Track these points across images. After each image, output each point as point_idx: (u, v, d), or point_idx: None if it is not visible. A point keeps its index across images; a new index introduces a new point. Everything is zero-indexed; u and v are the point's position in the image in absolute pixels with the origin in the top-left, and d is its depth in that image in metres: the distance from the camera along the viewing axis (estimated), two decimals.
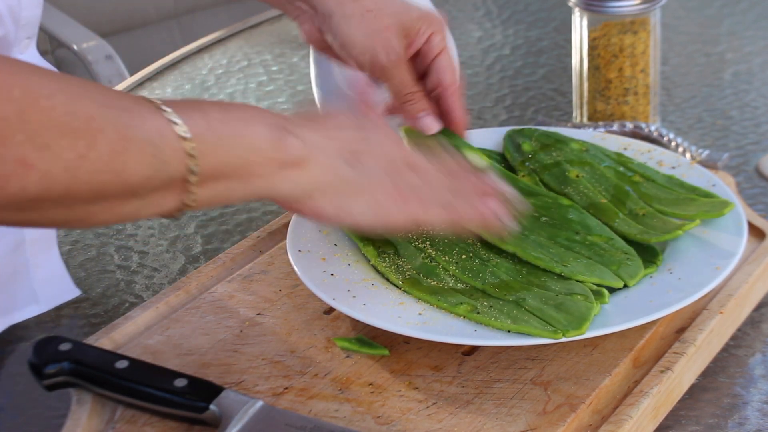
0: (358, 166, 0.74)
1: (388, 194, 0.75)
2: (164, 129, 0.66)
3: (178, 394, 0.73)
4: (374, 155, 0.75)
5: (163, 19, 2.28)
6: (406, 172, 0.76)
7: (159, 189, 0.66)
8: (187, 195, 0.68)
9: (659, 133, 1.07)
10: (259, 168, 0.70)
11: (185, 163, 0.66)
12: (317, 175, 0.72)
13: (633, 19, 1.07)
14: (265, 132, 0.71)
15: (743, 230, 0.84)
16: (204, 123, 0.68)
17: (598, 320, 0.75)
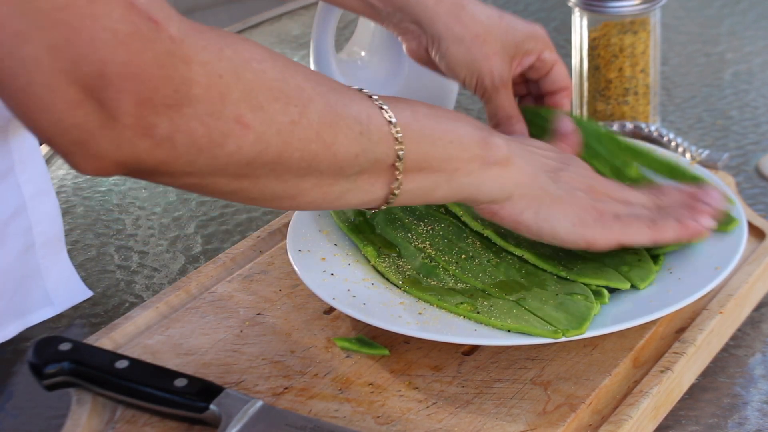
0: (558, 182, 0.76)
1: (586, 211, 0.76)
2: (372, 111, 0.68)
3: (178, 394, 0.73)
4: (573, 176, 0.77)
5: None
6: (606, 197, 0.78)
7: (366, 171, 0.68)
8: (395, 182, 0.69)
9: (659, 133, 1.07)
10: (464, 164, 0.71)
11: (392, 147, 0.68)
12: (520, 177, 0.74)
13: (633, 19, 1.07)
14: (470, 130, 0.72)
15: (743, 230, 0.84)
16: (410, 113, 0.70)
17: (598, 320, 0.75)
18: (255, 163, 0.62)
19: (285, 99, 0.63)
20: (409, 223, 0.85)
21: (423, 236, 0.84)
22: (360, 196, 0.69)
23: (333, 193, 0.68)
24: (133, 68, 0.56)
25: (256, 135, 0.61)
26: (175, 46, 0.58)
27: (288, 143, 0.63)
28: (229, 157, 0.61)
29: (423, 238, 0.84)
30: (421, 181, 0.71)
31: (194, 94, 0.58)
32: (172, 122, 0.58)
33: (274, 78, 0.63)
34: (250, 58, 0.62)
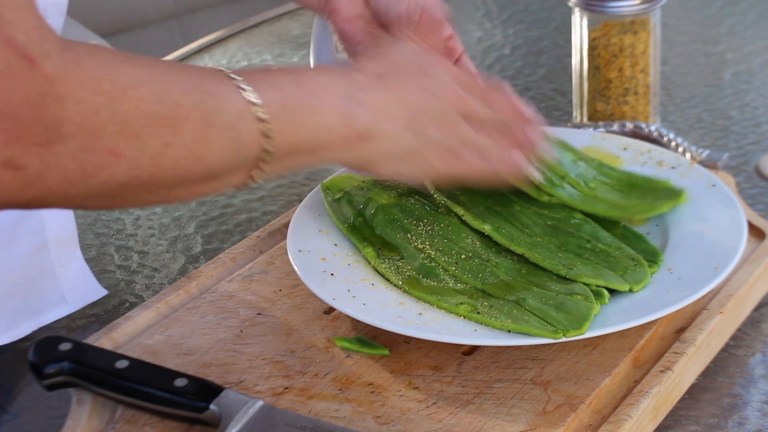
0: (419, 133, 0.76)
1: (439, 156, 0.77)
2: (244, 111, 0.67)
3: (179, 393, 0.73)
4: (434, 115, 0.77)
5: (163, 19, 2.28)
6: (460, 125, 0.78)
7: (236, 169, 0.68)
8: (260, 171, 0.69)
9: (659, 133, 1.07)
10: (329, 144, 0.72)
11: (261, 145, 0.68)
12: (382, 147, 0.75)
13: (633, 19, 1.07)
14: (336, 105, 0.72)
15: (743, 230, 0.84)
16: (280, 101, 0.69)
17: (598, 320, 0.75)
18: (128, 185, 0.63)
19: (160, 123, 0.62)
20: (408, 224, 0.85)
21: (422, 236, 0.84)
22: (227, 186, 0.70)
23: (201, 191, 0.69)
24: (2, 107, 0.55)
25: (130, 163, 0.61)
26: (49, 86, 0.57)
27: (161, 165, 0.63)
28: (101, 185, 0.61)
29: (422, 239, 0.84)
30: (285, 163, 0.71)
31: (66, 132, 0.58)
32: (43, 160, 0.58)
33: (152, 102, 0.62)
34: (128, 85, 0.61)
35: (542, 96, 1.25)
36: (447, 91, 0.78)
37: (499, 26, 1.45)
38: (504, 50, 1.38)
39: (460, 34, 1.41)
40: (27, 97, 0.56)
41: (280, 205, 1.08)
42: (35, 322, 0.90)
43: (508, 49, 1.38)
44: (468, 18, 1.48)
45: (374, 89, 0.75)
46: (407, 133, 0.76)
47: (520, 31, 1.43)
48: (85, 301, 0.94)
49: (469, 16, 1.48)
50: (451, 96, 0.78)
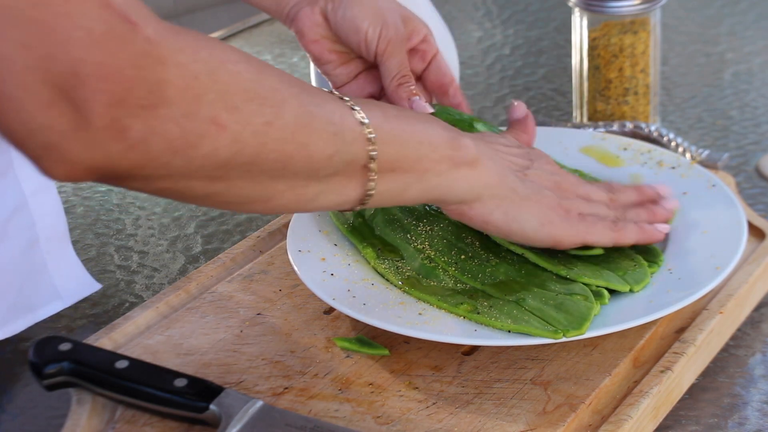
0: (525, 181, 0.77)
1: (553, 209, 0.77)
2: (344, 111, 0.68)
3: (178, 394, 0.73)
4: (539, 174, 0.78)
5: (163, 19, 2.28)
6: (571, 194, 0.79)
7: (340, 172, 0.68)
8: (368, 184, 0.69)
9: (659, 133, 1.07)
10: (435, 164, 0.72)
11: (365, 148, 0.68)
12: (488, 178, 0.75)
13: (633, 19, 1.07)
14: (439, 130, 0.73)
15: (743, 230, 0.84)
16: (381, 114, 0.70)
17: (598, 320, 0.75)
18: (230, 164, 0.62)
19: (260, 100, 0.63)
20: (408, 224, 0.85)
21: (422, 237, 0.84)
22: (333, 197, 0.69)
23: (307, 195, 0.68)
24: (107, 68, 0.55)
25: (232, 135, 0.61)
26: (151, 47, 0.57)
27: (263, 144, 0.63)
28: (204, 158, 0.61)
29: (422, 239, 0.84)
30: (393, 181, 0.71)
31: (169, 96, 0.58)
32: (147, 124, 0.57)
33: (249, 79, 0.62)
34: (225, 59, 0.61)
35: (542, 96, 1.26)
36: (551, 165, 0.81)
37: (499, 26, 1.45)
38: (504, 50, 1.38)
39: (460, 34, 1.42)
40: (131, 58, 0.56)
41: None
42: (29, 318, 0.90)
43: (508, 49, 1.38)
44: (468, 18, 1.48)
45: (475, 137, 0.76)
46: (515, 179, 0.76)
47: (520, 31, 1.43)
48: (79, 295, 0.94)
49: (469, 16, 1.48)
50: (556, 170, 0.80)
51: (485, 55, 1.37)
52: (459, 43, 1.25)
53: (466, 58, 1.35)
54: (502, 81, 1.30)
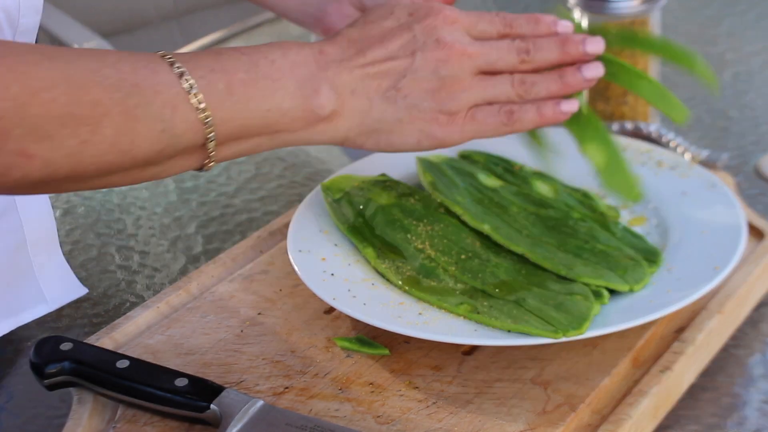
0: (398, 100, 0.73)
1: (432, 120, 0.73)
2: (177, 101, 0.66)
3: (179, 393, 0.73)
4: (420, 79, 0.73)
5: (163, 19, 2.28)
6: (460, 87, 0.73)
7: (175, 156, 0.67)
8: (208, 154, 0.68)
9: (659, 133, 1.07)
10: (285, 126, 0.70)
11: (200, 133, 0.67)
12: (350, 123, 0.72)
13: (633, 19, 1.07)
14: (293, 89, 0.70)
15: (743, 230, 0.84)
16: (224, 87, 0.68)
17: (598, 320, 0.76)
18: (46, 180, 0.63)
19: (75, 123, 0.62)
20: (408, 224, 0.85)
21: (422, 237, 0.85)
22: (174, 170, 0.69)
23: (144, 176, 0.68)
24: None
25: (43, 162, 0.61)
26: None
27: (79, 162, 0.63)
28: (16, 182, 0.62)
29: (422, 239, 0.84)
30: (238, 147, 0.70)
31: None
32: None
33: (65, 103, 0.62)
34: (39, 87, 0.61)
35: None
36: (446, 50, 0.73)
37: None
38: None
39: None
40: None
41: (280, 205, 1.08)
42: (12, 322, 0.90)
43: None
44: None
45: (344, 62, 0.72)
46: (384, 104, 0.73)
47: None
48: (64, 299, 0.94)
49: None
50: (452, 55, 0.73)
51: None
52: None
53: None
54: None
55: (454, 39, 0.73)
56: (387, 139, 0.74)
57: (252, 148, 0.71)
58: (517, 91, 0.75)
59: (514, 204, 0.88)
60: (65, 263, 0.94)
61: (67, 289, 0.94)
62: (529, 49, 0.75)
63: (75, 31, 2.00)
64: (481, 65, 0.74)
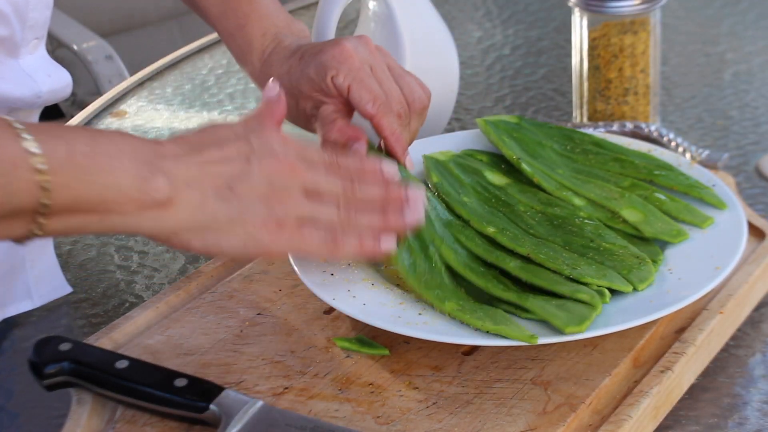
0: (232, 200, 0.72)
1: (262, 226, 0.73)
2: (18, 157, 0.65)
3: (179, 393, 0.73)
4: (253, 184, 0.73)
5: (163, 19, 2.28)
6: (288, 199, 0.74)
7: (4, 218, 0.66)
8: (36, 225, 0.67)
9: (659, 133, 1.07)
10: (118, 206, 0.69)
11: (36, 197, 0.66)
12: (182, 215, 0.71)
13: (633, 19, 1.07)
14: (131, 169, 0.69)
15: (743, 230, 0.84)
16: (65, 155, 0.67)
17: (598, 320, 0.75)
18: None
19: None
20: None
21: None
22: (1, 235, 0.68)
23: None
24: None
25: None
26: None
27: None
28: None
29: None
30: (68, 222, 0.68)
31: None
32: None
33: None
34: None
35: (542, 96, 1.25)
36: (278, 162, 0.74)
37: (499, 26, 1.45)
38: (504, 50, 1.38)
39: (460, 34, 1.42)
40: None
41: None
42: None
43: (508, 49, 1.38)
44: (468, 18, 1.48)
45: (181, 157, 0.72)
46: (217, 203, 0.72)
47: (520, 31, 1.43)
48: (49, 297, 0.94)
49: (469, 16, 1.48)
50: (283, 168, 0.74)
51: (485, 55, 1.37)
52: (459, 43, 1.25)
53: (466, 58, 1.35)
54: (502, 81, 1.30)
55: (286, 153, 0.74)
56: (215, 239, 0.72)
57: (80, 227, 0.69)
58: (340, 216, 0.75)
59: (521, 202, 0.88)
60: (56, 261, 0.95)
61: (53, 287, 0.94)
62: (353, 179, 0.76)
63: (75, 31, 2.00)
64: (308, 185, 0.75)
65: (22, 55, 0.87)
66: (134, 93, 1.33)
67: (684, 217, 0.86)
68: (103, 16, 2.22)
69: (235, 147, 0.74)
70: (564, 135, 0.96)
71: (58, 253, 0.99)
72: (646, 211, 0.87)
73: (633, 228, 0.86)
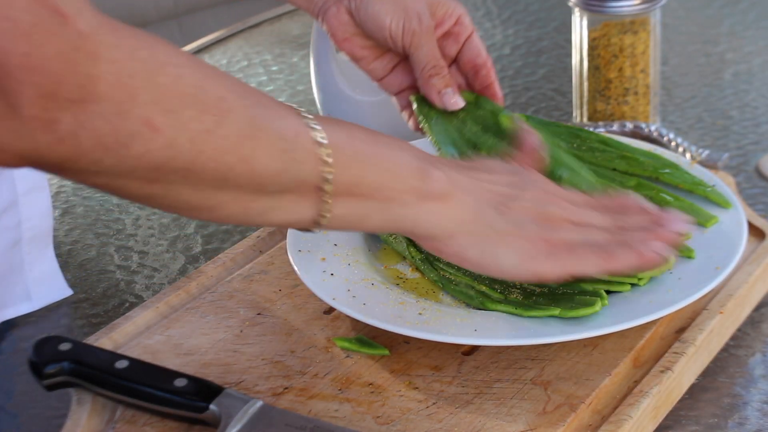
0: (506, 214, 0.72)
1: (536, 244, 0.72)
2: (300, 129, 0.65)
3: (178, 393, 0.73)
4: (525, 205, 0.74)
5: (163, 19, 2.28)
6: (560, 225, 0.74)
7: (291, 190, 0.65)
8: (323, 205, 0.66)
9: (659, 133, 1.07)
10: (399, 194, 0.69)
11: (319, 169, 0.65)
12: (461, 214, 0.71)
13: (633, 19, 1.07)
14: (409, 159, 0.70)
15: (743, 230, 0.84)
16: (345, 136, 0.67)
17: (598, 320, 0.76)
18: (165, 168, 0.60)
19: (200, 107, 0.60)
20: None
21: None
22: (284, 215, 0.67)
23: (254, 209, 0.65)
24: (34, 60, 0.54)
25: (166, 140, 0.59)
26: (82, 41, 0.55)
27: (201, 152, 0.61)
28: (136, 159, 0.59)
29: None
30: (351, 206, 0.68)
31: (100, 92, 0.56)
32: (76, 118, 0.56)
33: (191, 84, 0.60)
34: (167, 62, 0.59)
35: (542, 96, 1.26)
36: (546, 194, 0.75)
37: (499, 26, 1.45)
38: (504, 50, 1.38)
39: None
40: (60, 51, 0.55)
41: None
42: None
43: (508, 49, 1.38)
44: None
45: (454, 168, 0.72)
46: (494, 212, 0.72)
47: (520, 31, 1.43)
48: (48, 299, 0.94)
49: None
50: (551, 199, 0.75)
51: None
52: None
53: None
54: (502, 81, 1.30)
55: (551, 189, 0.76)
56: (493, 250, 0.72)
57: (363, 214, 0.69)
58: (613, 234, 0.75)
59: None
60: (55, 263, 0.94)
61: (53, 289, 0.94)
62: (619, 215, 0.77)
63: None
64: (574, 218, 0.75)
65: None
66: None
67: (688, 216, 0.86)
68: None
69: (504, 175, 0.75)
70: (571, 133, 0.96)
71: (58, 253, 1.00)
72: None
73: None
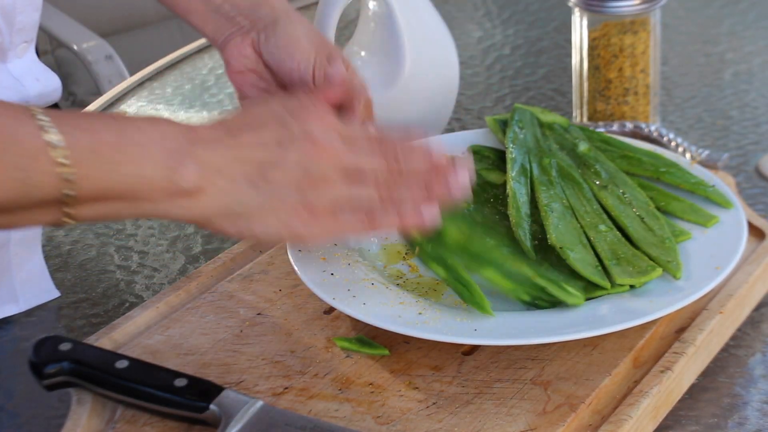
0: (263, 186, 0.72)
1: (293, 212, 0.73)
2: (38, 153, 0.65)
3: (178, 393, 0.73)
4: (287, 170, 0.73)
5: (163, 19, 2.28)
6: (324, 185, 0.73)
7: (30, 208, 0.66)
8: (63, 214, 0.67)
9: (659, 133, 1.07)
10: (147, 195, 0.69)
11: (59, 188, 0.65)
12: (211, 203, 0.71)
13: (633, 19, 1.07)
14: (159, 158, 0.69)
15: (743, 230, 0.84)
16: (89, 146, 0.66)
17: (598, 320, 0.76)
18: None
19: None
20: None
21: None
22: (30, 222, 0.68)
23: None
24: None
25: None
26: None
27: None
28: None
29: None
30: (98, 208, 0.68)
31: None
32: None
33: None
34: None
35: (542, 96, 1.26)
36: (315, 148, 0.73)
37: (499, 26, 1.45)
38: (504, 50, 1.38)
39: (460, 34, 1.41)
40: None
41: None
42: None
43: (508, 49, 1.38)
44: (468, 18, 1.48)
45: (215, 143, 0.71)
46: (248, 189, 0.72)
47: (520, 31, 1.43)
48: (36, 301, 0.94)
49: (469, 16, 1.49)
50: (321, 153, 0.73)
51: (485, 55, 1.37)
52: (459, 43, 1.25)
53: (466, 58, 1.35)
54: (502, 81, 1.30)
55: (326, 139, 0.74)
56: (248, 225, 0.72)
57: (112, 213, 0.69)
58: (380, 193, 0.75)
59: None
60: (44, 265, 0.94)
61: (40, 291, 0.94)
62: (398, 157, 0.76)
63: (75, 31, 2.00)
64: (348, 166, 0.74)
65: (9, 59, 0.86)
66: (134, 93, 1.33)
67: (689, 216, 0.86)
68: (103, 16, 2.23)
69: (272, 132, 0.73)
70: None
71: (58, 253, 1.00)
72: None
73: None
